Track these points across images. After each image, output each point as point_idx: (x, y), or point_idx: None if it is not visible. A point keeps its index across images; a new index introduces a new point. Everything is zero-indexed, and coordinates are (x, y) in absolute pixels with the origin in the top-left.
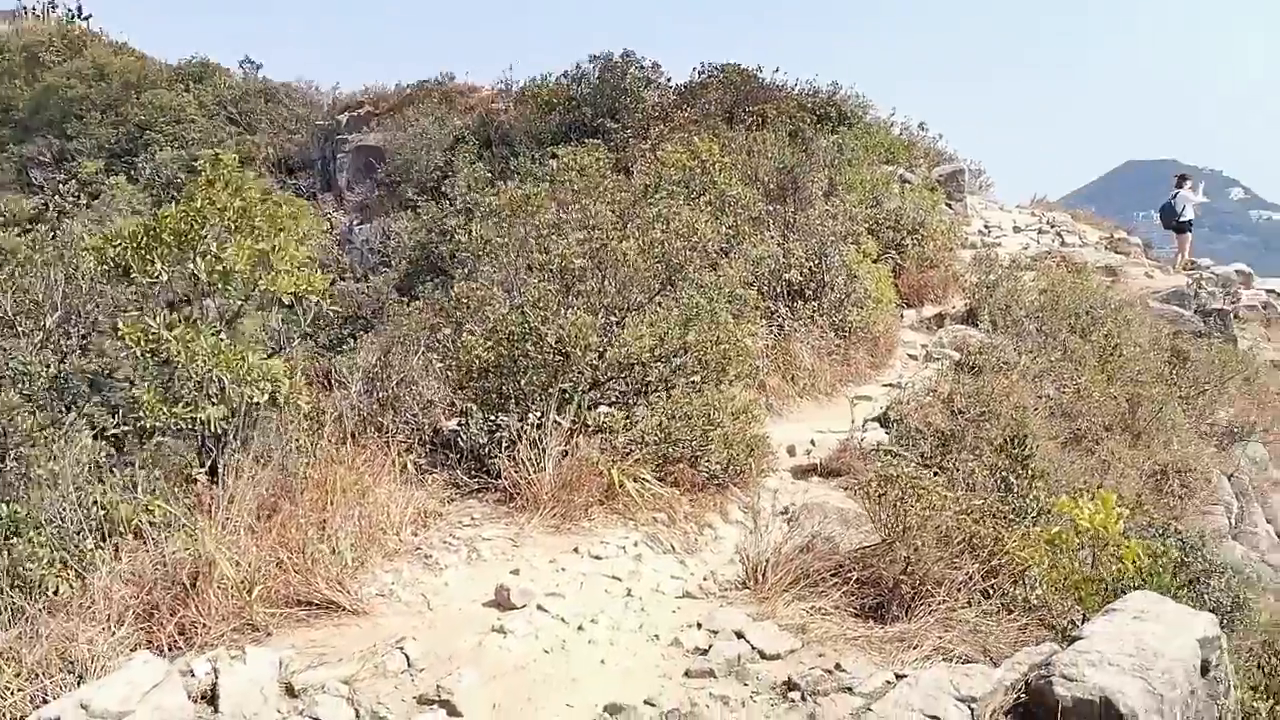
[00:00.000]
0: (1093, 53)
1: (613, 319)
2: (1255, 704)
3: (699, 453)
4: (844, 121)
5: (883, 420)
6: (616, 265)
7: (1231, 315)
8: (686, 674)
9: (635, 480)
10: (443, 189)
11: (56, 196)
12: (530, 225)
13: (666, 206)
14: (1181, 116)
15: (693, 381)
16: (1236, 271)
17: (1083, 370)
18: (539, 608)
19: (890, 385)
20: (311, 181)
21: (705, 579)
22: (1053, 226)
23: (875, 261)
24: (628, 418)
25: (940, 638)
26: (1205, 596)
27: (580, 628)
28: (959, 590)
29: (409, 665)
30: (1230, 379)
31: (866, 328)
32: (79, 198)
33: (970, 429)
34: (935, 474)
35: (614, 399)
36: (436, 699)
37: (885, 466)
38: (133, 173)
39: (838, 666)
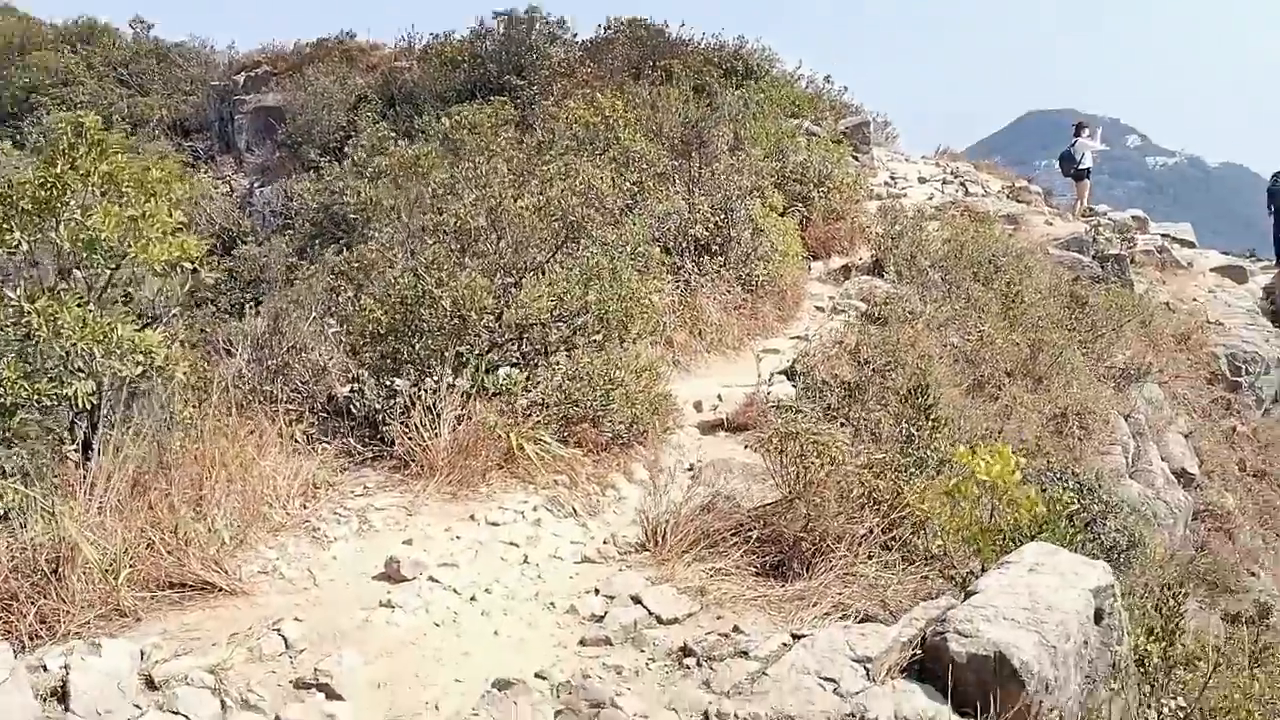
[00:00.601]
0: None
1: (509, 280)
2: (1149, 647)
3: (601, 413)
4: (750, 76)
5: (789, 373)
6: (512, 225)
7: (1128, 260)
8: (582, 643)
9: (535, 443)
10: (345, 149)
11: None
12: (423, 186)
13: (563, 164)
14: (1081, 66)
15: (594, 341)
16: (1133, 218)
17: (986, 318)
18: (431, 579)
19: (798, 338)
20: (209, 144)
21: (606, 542)
22: (957, 177)
23: (782, 215)
24: (528, 380)
25: (840, 594)
26: (1102, 537)
27: (473, 598)
28: (860, 545)
29: (287, 647)
30: (1127, 323)
31: (773, 281)
32: None
33: (876, 380)
34: (842, 425)
35: (514, 361)
36: (314, 682)
37: (786, 422)
38: (19, 138)
39: (736, 629)
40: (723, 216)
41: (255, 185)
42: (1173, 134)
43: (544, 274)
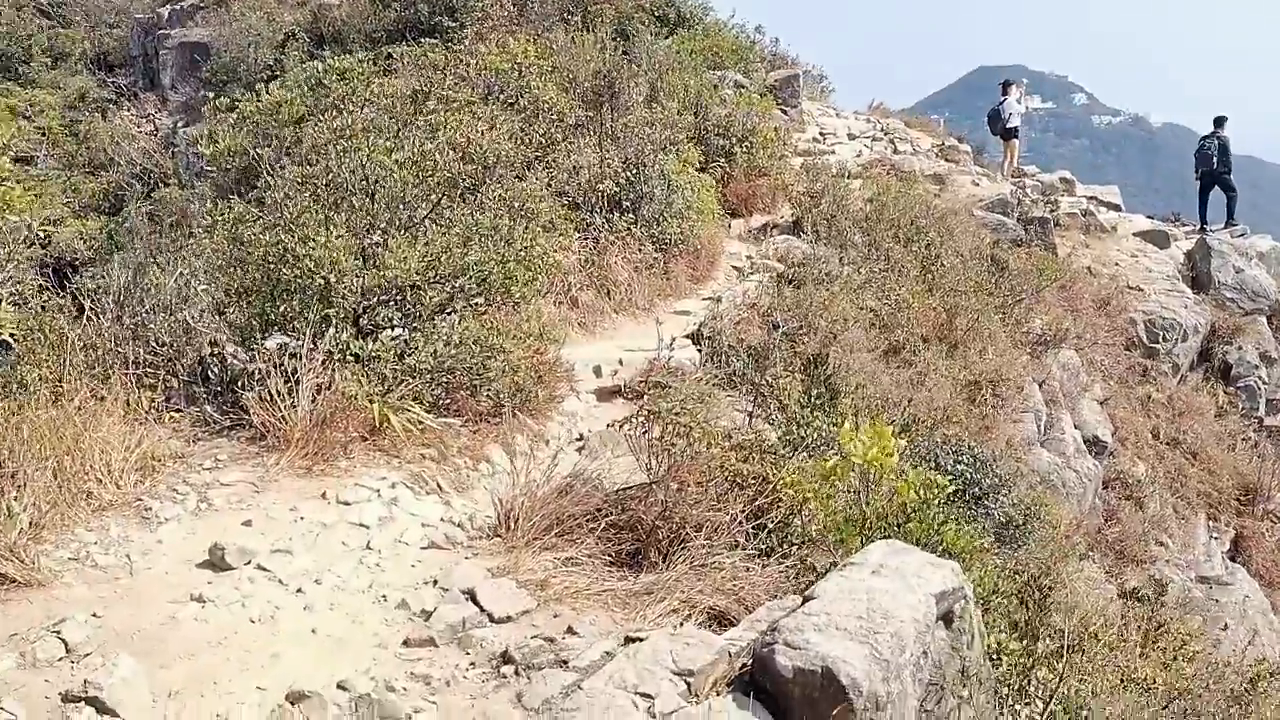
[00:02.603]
0: None
1: (375, 240)
2: (1011, 644)
3: (478, 381)
4: (683, 23)
5: (695, 337)
6: (384, 180)
7: (1051, 223)
8: (406, 643)
9: (403, 414)
10: (270, 90)
11: None
12: (289, 134)
13: (442, 115)
14: (1031, 22)
15: (474, 304)
16: (1060, 179)
17: (904, 281)
18: (259, 567)
19: (711, 299)
20: (133, 80)
21: (460, 525)
22: (887, 134)
23: (702, 171)
24: (402, 346)
25: (691, 588)
26: (994, 513)
27: (300, 590)
28: (722, 533)
29: (68, 651)
30: (1046, 287)
31: (687, 240)
32: None
33: (785, 345)
34: (745, 393)
35: (387, 325)
36: (83, 695)
37: (653, 398)
38: None
39: (570, 630)
40: (634, 172)
41: (180, 125)
42: (1121, 94)
43: (419, 233)
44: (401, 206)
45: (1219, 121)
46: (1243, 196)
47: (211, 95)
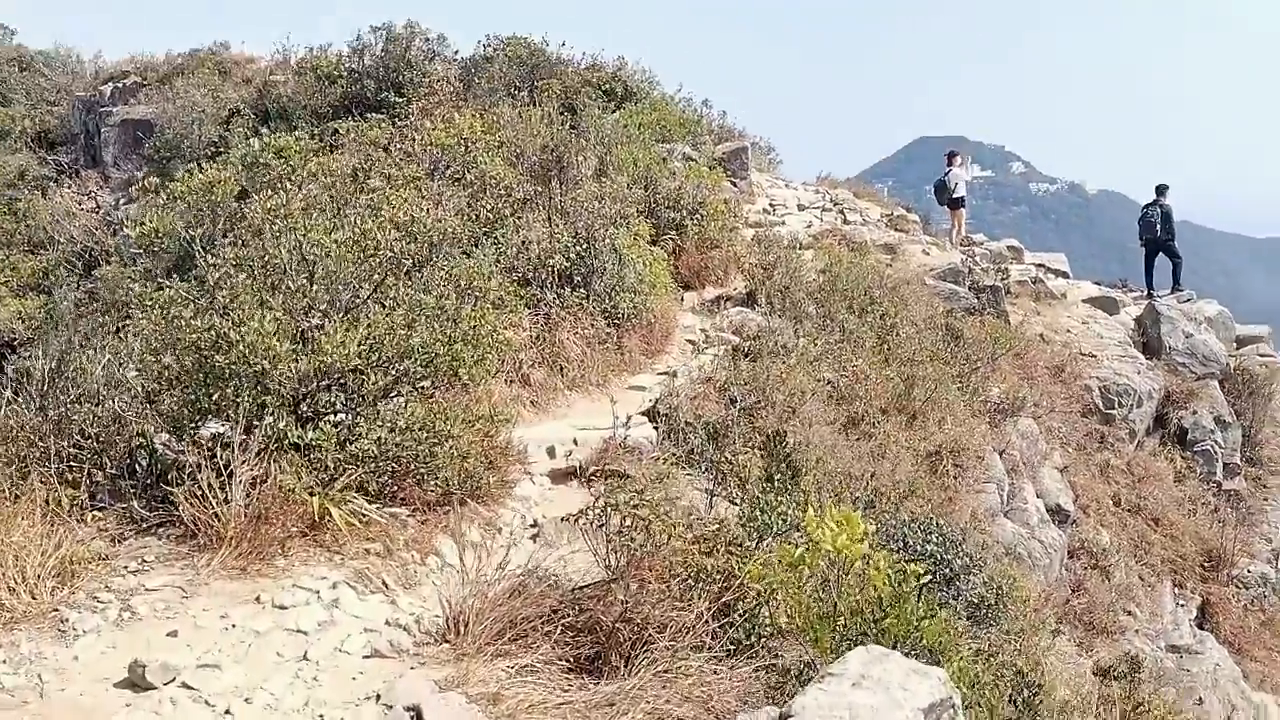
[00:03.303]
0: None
1: (314, 323)
2: None
3: (424, 469)
4: (630, 97)
5: (652, 414)
6: (322, 260)
7: (1002, 291)
8: None
9: (344, 506)
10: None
11: None
12: (221, 214)
13: (382, 192)
14: (969, 95)
15: (421, 388)
16: (1008, 247)
17: (860, 352)
18: (183, 685)
19: (666, 374)
20: (74, 157)
21: (407, 627)
22: (836, 205)
23: (654, 244)
24: (343, 434)
25: (657, 697)
26: (966, 594)
27: (228, 712)
28: (686, 634)
29: None
30: (1002, 355)
31: (640, 314)
32: None
33: (743, 420)
34: (704, 471)
35: (329, 411)
36: None
37: (611, 491)
38: None
39: None
40: (585, 246)
41: (121, 201)
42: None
43: (361, 315)
44: (342, 287)
45: (1160, 190)
46: (1185, 262)
47: (148, 173)
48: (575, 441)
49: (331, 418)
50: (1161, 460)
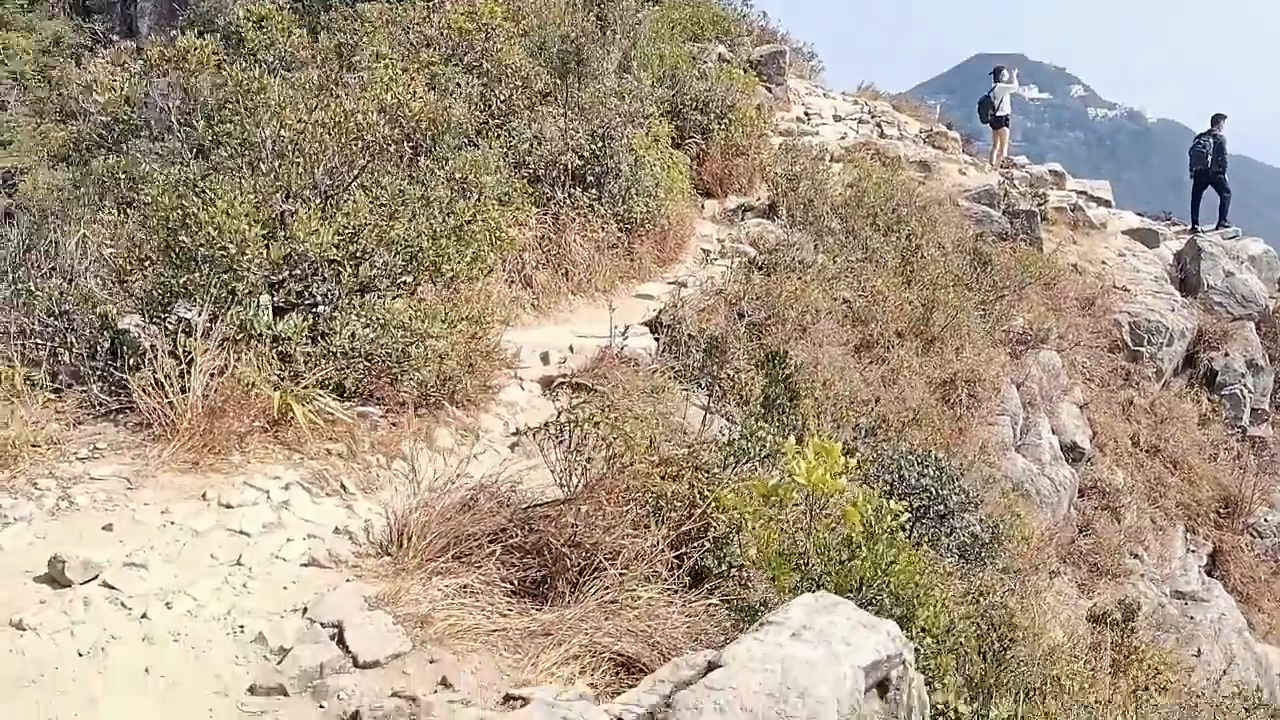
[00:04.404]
0: None
1: (286, 208)
2: (960, 707)
3: (399, 369)
4: None
5: (654, 324)
6: (303, 142)
7: (1038, 217)
8: (251, 690)
9: (309, 402)
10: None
11: None
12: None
13: (371, 72)
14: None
15: (402, 284)
16: (1050, 172)
17: (881, 272)
18: (105, 584)
19: (676, 283)
20: (111, 25)
21: (354, 535)
22: (874, 117)
23: (676, 147)
24: (314, 327)
25: (598, 628)
26: (959, 532)
27: (144, 616)
28: (640, 562)
29: None
30: (1030, 284)
31: (654, 219)
32: None
33: (750, 336)
34: (701, 388)
35: (302, 304)
36: None
37: (576, 405)
38: None
39: (444, 682)
40: (600, 145)
41: (157, 75)
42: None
43: (341, 203)
44: (319, 171)
45: (1216, 119)
46: (1235, 198)
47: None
48: (571, 348)
49: (304, 310)
50: (1187, 401)
